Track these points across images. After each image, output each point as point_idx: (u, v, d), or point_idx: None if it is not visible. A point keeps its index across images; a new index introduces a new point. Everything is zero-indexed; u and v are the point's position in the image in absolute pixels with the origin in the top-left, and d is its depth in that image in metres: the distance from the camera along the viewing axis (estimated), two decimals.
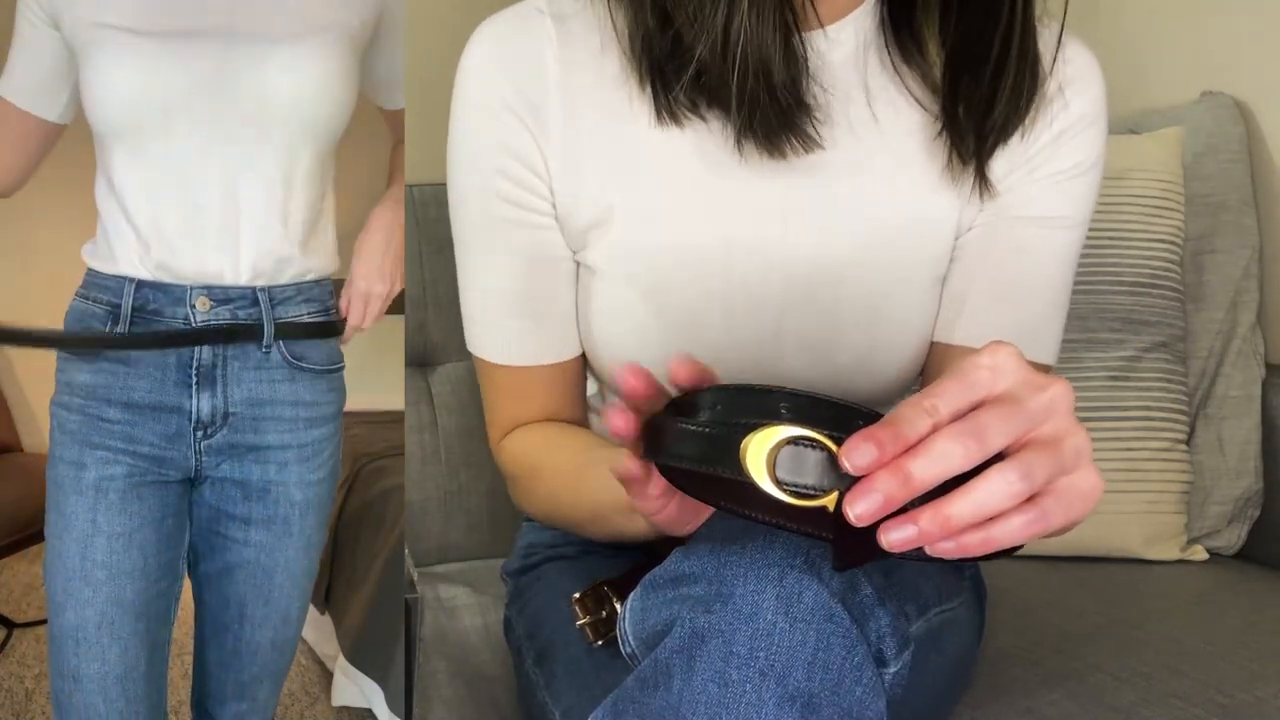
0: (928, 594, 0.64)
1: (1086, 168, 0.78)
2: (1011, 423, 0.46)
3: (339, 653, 1.64)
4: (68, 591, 0.91)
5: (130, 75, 0.87)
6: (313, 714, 1.77)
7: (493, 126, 0.77)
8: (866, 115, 0.76)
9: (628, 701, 0.54)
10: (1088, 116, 0.77)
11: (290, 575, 0.99)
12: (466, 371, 1.41)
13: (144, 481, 0.93)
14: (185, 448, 0.94)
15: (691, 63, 0.69)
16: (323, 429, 1.00)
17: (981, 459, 0.45)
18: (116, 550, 0.91)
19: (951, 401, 0.46)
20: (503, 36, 0.77)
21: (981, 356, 0.47)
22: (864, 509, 0.44)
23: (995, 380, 0.47)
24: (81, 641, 0.90)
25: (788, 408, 0.46)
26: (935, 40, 0.75)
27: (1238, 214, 1.30)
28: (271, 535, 0.97)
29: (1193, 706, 0.84)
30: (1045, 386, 0.47)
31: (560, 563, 0.92)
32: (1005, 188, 0.77)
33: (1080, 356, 1.22)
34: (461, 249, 0.83)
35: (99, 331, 0.92)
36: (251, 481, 0.96)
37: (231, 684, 1.02)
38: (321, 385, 0.99)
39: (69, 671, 0.91)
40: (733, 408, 0.48)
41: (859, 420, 0.45)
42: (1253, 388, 1.28)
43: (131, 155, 0.90)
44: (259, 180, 0.91)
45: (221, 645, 1.01)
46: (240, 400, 0.94)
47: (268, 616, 0.99)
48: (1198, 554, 1.23)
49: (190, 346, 0.92)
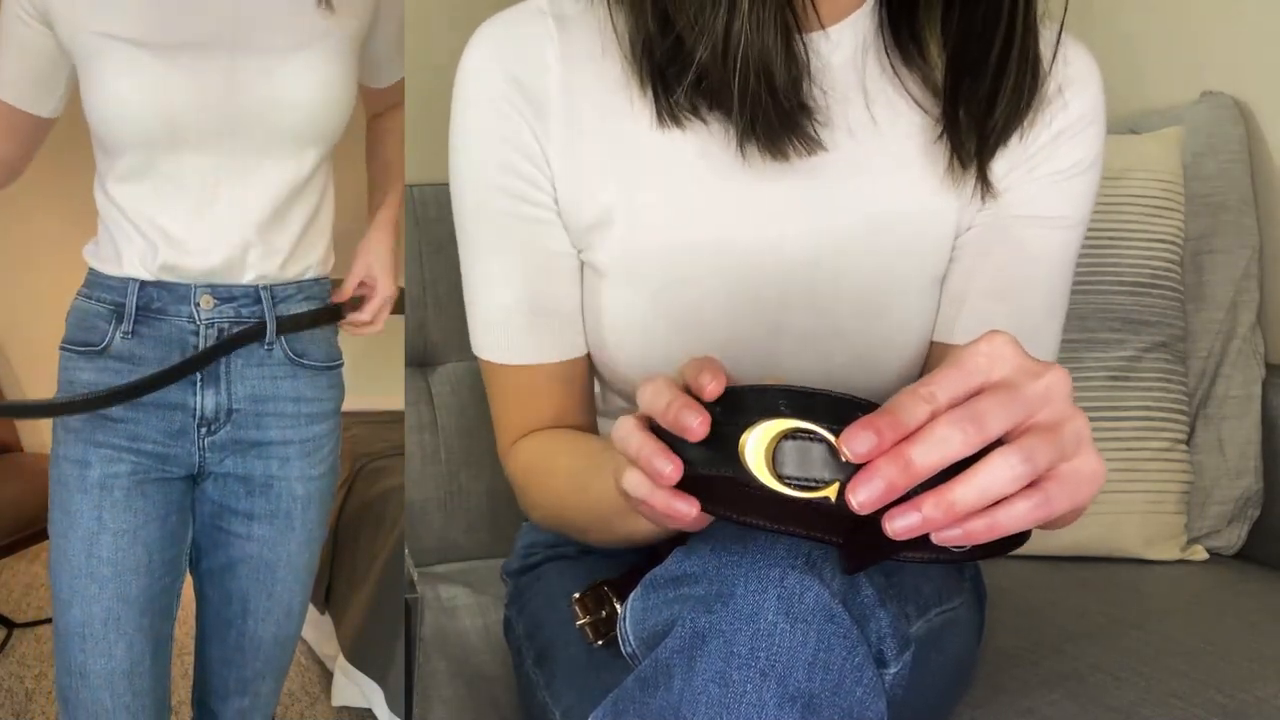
0: (928, 594, 0.64)
1: (1085, 167, 0.78)
2: (1010, 408, 0.46)
3: (339, 653, 1.64)
4: (73, 589, 0.91)
5: (137, 91, 0.87)
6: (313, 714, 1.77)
7: (496, 123, 0.77)
8: (866, 117, 0.75)
9: (628, 701, 0.54)
10: (1086, 116, 0.77)
11: (292, 569, 1.00)
12: (466, 371, 1.41)
13: (148, 479, 0.94)
14: (189, 444, 0.95)
15: (693, 66, 0.69)
16: (323, 424, 1.01)
17: (981, 444, 0.45)
18: (122, 547, 0.92)
19: (949, 389, 0.46)
20: (505, 35, 0.77)
21: (979, 344, 0.48)
22: (866, 496, 0.44)
23: (992, 367, 0.47)
24: (88, 638, 0.91)
25: (785, 403, 0.46)
26: (936, 41, 0.75)
27: (1238, 214, 1.30)
28: (274, 530, 0.98)
29: (1193, 706, 0.84)
30: (1042, 373, 0.47)
31: (560, 562, 0.92)
32: (1005, 187, 0.77)
33: (1080, 356, 1.22)
34: (466, 247, 0.83)
35: (103, 332, 0.93)
36: (254, 476, 0.97)
37: (234, 680, 1.03)
38: (322, 381, 1.00)
39: (75, 668, 0.92)
40: (731, 409, 0.48)
41: (857, 411, 0.45)
42: (1253, 388, 1.28)
43: (138, 165, 0.90)
44: (265, 185, 0.92)
45: (224, 641, 1.01)
46: (243, 397, 0.95)
47: (270, 611, 1.00)
48: (1198, 554, 1.23)
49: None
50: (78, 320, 0.95)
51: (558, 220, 0.79)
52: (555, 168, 0.77)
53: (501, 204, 0.79)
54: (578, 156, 0.77)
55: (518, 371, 0.83)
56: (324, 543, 1.05)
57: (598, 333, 0.81)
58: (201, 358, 0.92)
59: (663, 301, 0.78)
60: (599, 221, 0.77)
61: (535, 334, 0.82)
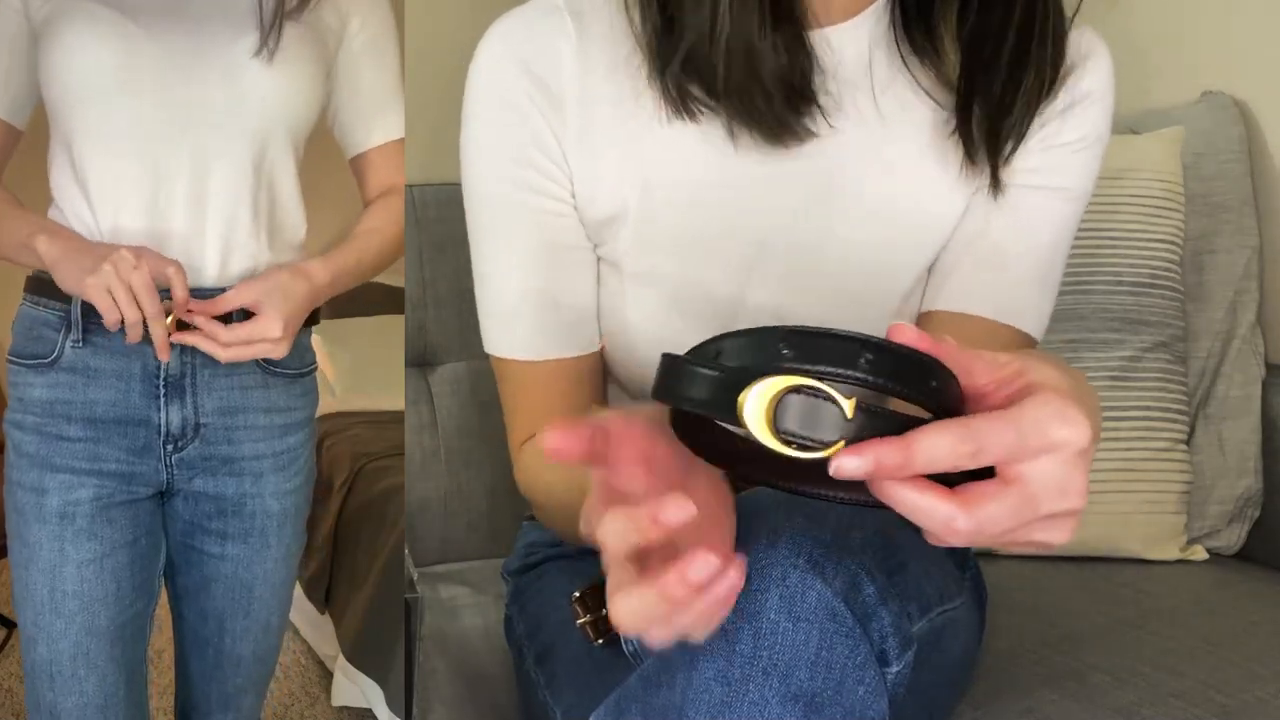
0: (930, 594, 0.64)
1: (1091, 142, 0.78)
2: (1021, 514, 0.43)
3: (339, 653, 1.64)
4: (38, 625, 0.86)
5: (99, 45, 0.83)
6: (313, 714, 1.77)
7: (512, 115, 0.77)
8: (874, 110, 0.76)
9: (631, 700, 0.54)
10: (1094, 93, 0.77)
11: (270, 586, 0.96)
12: (467, 371, 1.41)
13: (112, 502, 0.87)
14: (155, 461, 0.89)
15: (686, 53, 0.70)
16: (297, 435, 0.96)
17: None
18: (87, 578, 0.86)
19: (998, 451, 0.42)
20: (521, 30, 0.77)
21: (1053, 427, 0.42)
22: (854, 469, 0.42)
23: (1045, 446, 0.42)
24: (56, 676, 0.86)
25: (790, 350, 0.43)
26: (951, 36, 0.75)
27: (1238, 214, 1.30)
28: (249, 549, 0.93)
29: (1193, 706, 0.84)
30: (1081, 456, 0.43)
31: (561, 562, 0.92)
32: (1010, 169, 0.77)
33: (1080, 356, 1.22)
34: (478, 241, 0.82)
35: (51, 342, 0.85)
36: (226, 496, 0.92)
37: (216, 695, 1.00)
38: (295, 390, 0.95)
39: (45, 706, 0.87)
40: (735, 354, 0.45)
41: (864, 353, 0.42)
42: (1253, 388, 1.28)
43: (95, 132, 0.84)
44: (227, 176, 0.87)
45: (203, 658, 0.98)
46: (212, 410, 0.89)
47: (248, 629, 0.97)
48: (1197, 554, 1.23)
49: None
50: (24, 329, 0.88)
51: (573, 214, 0.79)
52: (571, 159, 0.77)
53: (517, 197, 0.78)
54: (593, 150, 0.77)
55: (529, 367, 0.82)
56: (301, 550, 1.01)
57: (610, 326, 0.81)
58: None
59: (674, 293, 0.78)
60: (612, 215, 0.78)
61: (548, 328, 0.81)
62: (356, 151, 0.99)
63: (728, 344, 0.45)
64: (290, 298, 0.86)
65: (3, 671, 1.87)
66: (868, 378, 0.42)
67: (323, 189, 1.05)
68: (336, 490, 1.80)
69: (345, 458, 1.86)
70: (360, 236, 0.95)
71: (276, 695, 1.83)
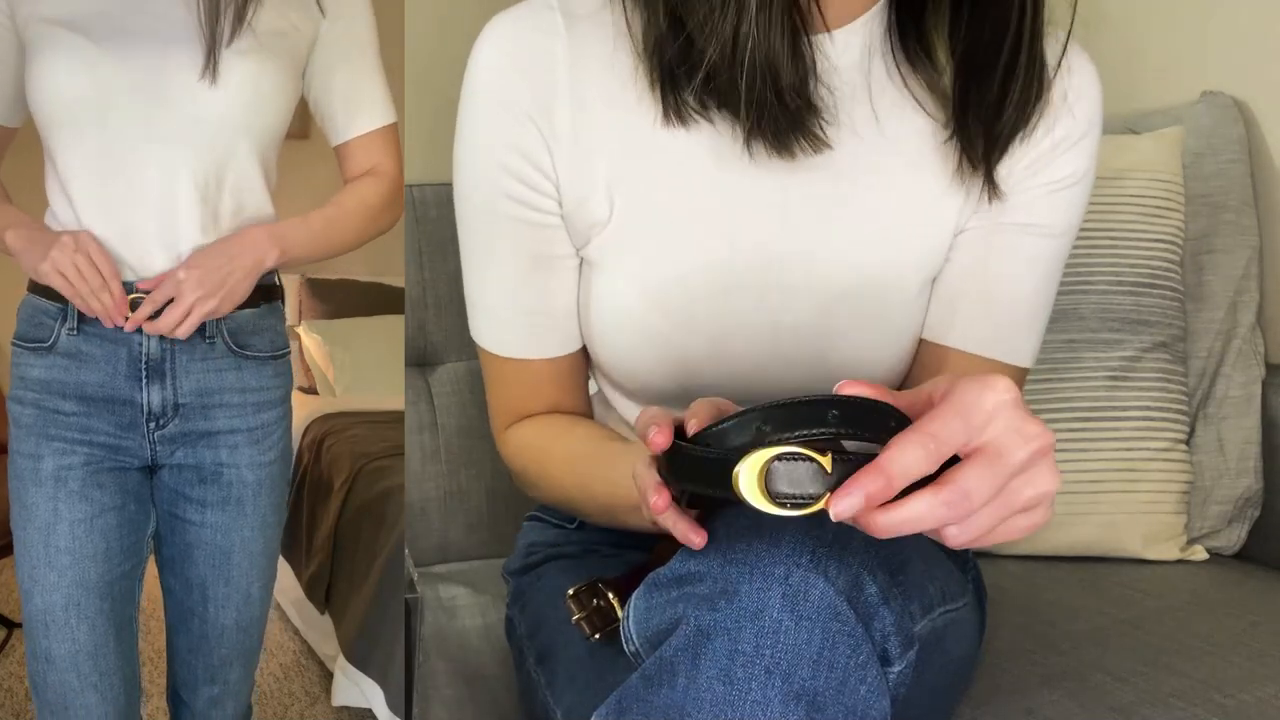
0: (932, 594, 0.64)
1: (1080, 177, 0.79)
2: (993, 482, 0.49)
3: (339, 653, 1.64)
4: (34, 578, 0.94)
5: (68, 78, 0.90)
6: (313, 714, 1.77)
7: (502, 125, 0.77)
8: (872, 118, 0.76)
9: (632, 699, 0.54)
10: (1085, 128, 0.78)
11: (248, 554, 1.02)
12: (466, 371, 1.41)
13: (103, 468, 0.96)
14: (140, 437, 0.97)
15: (702, 66, 0.69)
16: (271, 412, 1.02)
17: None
18: (79, 535, 0.94)
19: (949, 439, 0.49)
20: (514, 33, 0.77)
21: (985, 396, 0.50)
22: (847, 509, 0.47)
23: (990, 425, 0.49)
24: (50, 624, 0.94)
25: (767, 426, 0.50)
26: (944, 45, 0.75)
27: (1238, 214, 1.30)
28: (226, 516, 1.00)
29: (1193, 706, 0.84)
30: (1030, 440, 0.49)
31: (562, 561, 0.92)
32: (1007, 189, 0.78)
33: (1080, 356, 1.22)
34: (466, 244, 0.83)
35: (50, 329, 0.95)
36: (205, 465, 0.99)
37: (202, 668, 1.06)
38: (267, 371, 1.02)
39: (41, 653, 0.94)
40: (721, 441, 0.52)
41: (832, 410, 0.49)
42: (1253, 388, 1.28)
43: (71, 152, 0.92)
44: (191, 189, 0.93)
45: (189, 630, 1.04)
46: (189, 391, 0.97)
47: (229, 597, 1.03)
48: (1198, 554, 1.23)
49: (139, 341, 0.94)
50: (28, 316, 0.97)
51: (561, 225, 0.80)
52: (560, 167, 0.77)
53: (504, 208, 0.79)
54: (583, 154, 0.77)
55: (511, 364, 0.85)
56: (282, 527, 1.07)
57: (596, 328, 0.82)
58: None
59: (663, 298, 0.78)
60: (602, 218, 0.78)
61: (532, 332, 0.83)
62: (338, 141, 1.06)
63: (714, 433, 0.52)
64: (223, 262, 0.94)
65: (3, 671, 1.87)
66: (838, 430, 0.49)
67: (296, 188, 1.08)
68: (336, 490, 1.80)
69: (345, 458, 1.86)
70: (316, 211, 1.03)
71: (276, 695, 1.83)
